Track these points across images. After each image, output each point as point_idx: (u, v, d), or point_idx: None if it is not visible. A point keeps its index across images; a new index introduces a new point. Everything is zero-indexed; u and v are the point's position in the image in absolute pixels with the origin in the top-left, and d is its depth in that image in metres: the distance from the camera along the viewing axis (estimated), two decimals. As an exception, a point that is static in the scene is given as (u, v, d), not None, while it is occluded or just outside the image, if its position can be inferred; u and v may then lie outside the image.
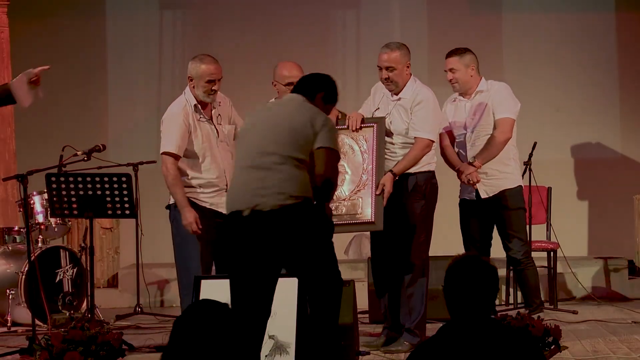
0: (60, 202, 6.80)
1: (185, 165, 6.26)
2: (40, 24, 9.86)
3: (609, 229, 9.55)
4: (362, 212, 6.03)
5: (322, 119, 5.09)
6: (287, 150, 5.01)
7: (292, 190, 4.97)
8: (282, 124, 5.07)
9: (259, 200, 4.97)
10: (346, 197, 5.98)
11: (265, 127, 5.12)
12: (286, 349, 5.65)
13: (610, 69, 9.75)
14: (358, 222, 6.04)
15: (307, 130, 5.02)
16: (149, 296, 8.64)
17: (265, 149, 5.04)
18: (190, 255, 6.21)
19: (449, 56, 6.89)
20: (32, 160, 8.07)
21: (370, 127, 6.17)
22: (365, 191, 6.02)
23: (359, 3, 9.97)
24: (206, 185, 6.25)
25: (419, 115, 6.25)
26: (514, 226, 6.93)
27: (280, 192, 4.96)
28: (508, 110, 6.82)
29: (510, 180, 6.89)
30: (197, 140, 6.24)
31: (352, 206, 6.01)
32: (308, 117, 5.06)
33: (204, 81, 6.22)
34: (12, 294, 7.65)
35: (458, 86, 6.85)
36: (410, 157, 6.19)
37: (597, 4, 9.85)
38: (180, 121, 6.21)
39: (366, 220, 6.03)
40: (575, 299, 8.61)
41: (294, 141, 5.01)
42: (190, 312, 3.45)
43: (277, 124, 5.09)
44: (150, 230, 8.22)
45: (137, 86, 10.00)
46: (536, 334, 5.59)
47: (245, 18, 9.95)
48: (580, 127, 9.61)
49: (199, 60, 6.28)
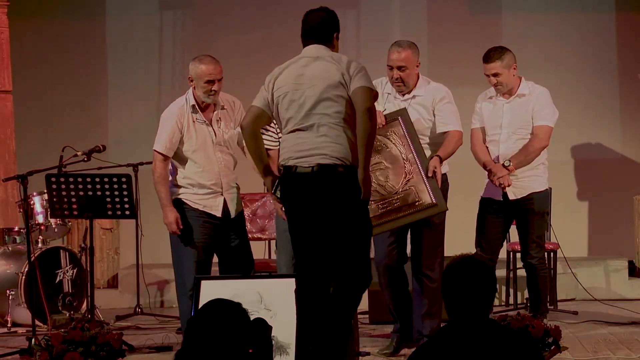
0: (60, 203, 6.80)
1: (178, 164, 6.29)
2: (40, 24, 9.86)
3: (609, 229, 9.55)
4: (420, 199, 5.93)
5: (354, 67, 5.19)
6: (327, 109, 5.15)
7: (330, 152, 5.12)
8: (319, 85, 5.17)
9: (299, 162, 5.16)
10: (397, 190, 5.88)
11: (303, 88, 5.21)
12: (286, 349, 5.65)
13: (610, 69, 9.75)
14: (419, 209, 5.93)
15: (343, 83, 5.14)
16: (149, 297, 8.64)
17: (306, 111, 5.18)
18: (183, 255, 6.22)
19: (490, 61, 6.65)
20: (32, 161, 8.07)
21: (396, 120, 6.06)
22: (416, 179, 5.92)
23: (359, 3, 9.96)
24: (198, 187, 6.24)
25: (446, 110, 6.24)
26: (537, 231, 6.73)
27: (321, 153, 5.13)
28: (548, 118, 6.68)
29: (540, 183, 6.73)
30: (191, 141, 6.24)
31: (408, 196, 5.90)
32: (340, 71, 5.16)
33: (203, 81, 6.22)
34: (12, 295, 7.65)
35: (503, 88, 6.68)
36: (449, 147, 6.14)
37: (597, 4, 9.84)
38: (173, 121, 6.23)
39: (428, 205, 5.93)
40: (575, 300, 8.60)
41: (334, 99, 5.15)
42: (203, 311, 3.45)
43: (314, 84, 5.18)
44: (150, 230, 8.22)
45: (137, 86, 9.99)
46: (536, 334, 5.59)
47: (245, 18, 9.94)
48: (580, 128, 9.60)
49: (199, 60, 6.28)
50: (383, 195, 5.90)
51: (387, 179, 5.92)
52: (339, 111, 5.17)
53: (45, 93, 9.87)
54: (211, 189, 6.25)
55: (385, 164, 5.95)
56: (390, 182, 5.87)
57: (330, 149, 5.15)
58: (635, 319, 7.41)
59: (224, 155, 6.30)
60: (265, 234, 8.09)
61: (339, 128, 5.17)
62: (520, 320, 5.66)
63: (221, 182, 6.26)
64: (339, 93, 5.17)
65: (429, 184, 5.91)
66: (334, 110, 5.17)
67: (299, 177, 5.18)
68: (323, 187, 5.13)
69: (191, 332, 3.42)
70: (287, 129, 5.28)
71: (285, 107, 5.27)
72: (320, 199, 5.15)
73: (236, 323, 3.42)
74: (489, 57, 6.69)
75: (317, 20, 5.36)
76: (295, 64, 5.32)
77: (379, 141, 5.91)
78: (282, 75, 5.31)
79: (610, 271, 8.85)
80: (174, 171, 6.31)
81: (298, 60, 5.32)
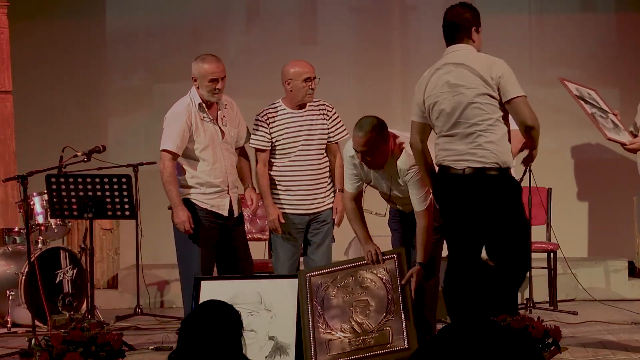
0: (60, 203, 6.80)
1: (186, 164, 6.28)
2: (40, 24, 9.86)
3: (609, 229, 9.54)
4: (392, 342, 5.72)
5: (496, 69, 5.33)
6: (474, 117, 5.30)
7: (483, 156, 5.31)
8: (464, 92, 5.33)
9: (456, 165, 5.36)
10: (373, 329, 5.74)
11: (455, 94, 5.35)
12: (286, 349, 5.66)
13: (610, 69, 9.75)
14: (390, 351, 5.73)
15: (491, 85, 5.30)
16: (148, 297, 8.64)
17: (460, 118, 5.33)
18: (191, 254, 6.24)
19: None
20: (32, 161, 8.07)
21: (392, 259, 5.87)
22: (395, 320, 5.73)
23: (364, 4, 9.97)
24: (206, 186, 6.26)
25: (416, 186, 5.80)
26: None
27: (474, 159, 5.31)
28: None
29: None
30: (200, 139, 6.25)
31: (382, 337, 5.73)
32: (487, 73, 5.31)
33: (207, 80, 6.23)
34: (12, 295, 7.65)
35: None
36: (428, 241, 5.81)
37: (597, 4, 9.85)
38: (182, 120, 6.22)
39: (400, 349, 5.71)
40: (575, 300, 8.60)
41: (484, 102, 5.31)
42: (196, 312, 3.47)
43: (460, 92, 5.34)
44: (150, 231, 8.22)
45: (137, 87, 9.99)
46: (536, 335, 5.58)
47: (245, 18, 9.94)
48: (581, 128, 9.59)
49: (201, 60, 6.30)
50: (358, 333, 5.74)
51: (366, 317, 5.78)
52: (485, 118, 5.31)
53: (45, 93, 9.87)
54: (219, 187, 6.27)
55: (369, 303, 5.80)
56: (368, 321, 5.75)
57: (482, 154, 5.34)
58: (635, 319, 7.41)
59: (229, 154, 6.33)
60: (265, 234, 8.09)
61: (487, 134, 5.30)
62: (520, 321, 5.66)
63: (228, 180, 6.29)
64: (485, 100, 5.30)
65: (406, 326, 5.72)
66: (480, 119, 5.31)
67: (454, 179, 5.38)
68: (479, 191, 5.34)
69: (185, 332, 3.44)
70: (440, 134, 5.46)
71: (435, 116, 5.43)
72: (480, 202, 5.36)
73: (229, 324, 3.44)
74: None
75: (455, 18, 5.48)
76: (440, 70, 5.44)
77: (370, 278, 5.85)
78: (430, 84, 5.44)
79: (610, 271, 8.84)
80: (180, 172, 6.31)
81: (442, 67, 5.44)
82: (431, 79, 5.45)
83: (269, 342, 5.67)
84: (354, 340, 5.69)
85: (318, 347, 5.65)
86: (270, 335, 5.67)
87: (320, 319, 5.72)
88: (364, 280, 5.80)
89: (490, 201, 5.36)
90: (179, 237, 6.29)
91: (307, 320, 5.70)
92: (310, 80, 6.46)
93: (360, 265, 5.87)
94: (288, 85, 6.48)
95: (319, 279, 5.83)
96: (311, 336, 5.67)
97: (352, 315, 5.72)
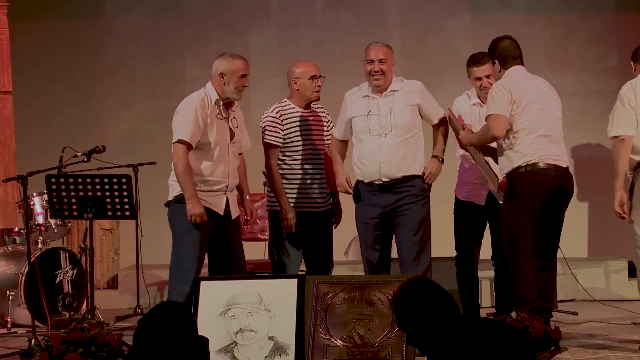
0: (60, 204, 6.80)
1: (192, 158, 6.18)
2: (40, 24, 9.87)
3: (608, 230, 9.53)
4: (391, 358, 5.69)
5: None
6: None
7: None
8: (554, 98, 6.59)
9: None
10: (373, 344, 5.71)
11: (548, 101, 6.49)
12: (286, 349, 5.65)
13: (610, 69, 9.75)
14: None
15: None
16: (148, 297, 8.64)
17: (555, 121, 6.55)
18: (183, 254, 6.19)
19: (482, 63, 6.70)
20: (32, 162, 8.06)
21: (399, 282, 5.92)
22: (396, 339, 5.71)
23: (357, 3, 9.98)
24: (208, 183, 6.21)
25: (429, 99, 6.53)
26: None
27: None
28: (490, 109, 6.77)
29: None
30: (212, 134, 6.17)
31: (381, 351, 5.69)
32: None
33: (237, 76, 6.20)
34: (12, 295, 7.65)
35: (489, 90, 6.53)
36: (444, 140, 6.59)
37: (597, 4, 9.85)
38: (197, 111, 6.12)
39: None
40: (575, 300, 8.60)
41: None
42: (152, 313, 3.50)
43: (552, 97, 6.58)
44: (150, 231, 8.22)
45: (136, 87, 10.00)
46: (536, 335, 5.59)
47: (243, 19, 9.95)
48: (580, 128, 9.60)
49: (230, 56, 6.26)
50: (358, 345, 5.72)
51: (369, 332, 5.79)
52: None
53: (45, 93, 9.88)
54: (219, 187, 6.23)
55: (373, 318, 5.82)
56: (369, 335, 5.76)
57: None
58: (635, 319, 7.40)
59: (234, 156, 6.30)
60: (265, 234, 8.08)
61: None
62: (520, 322, 5.66)
63: (229, 181, 6.26)
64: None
65: (406, 347, 5.68)
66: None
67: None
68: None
69: (138, 334, 3.46)
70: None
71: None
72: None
73: (183, 327, 3.47)
74: (479, 60, 6.74)
75: (512, 48, 6.51)
76: (532, 79, 6.46)
77: (377, 296, 5.85)
78: (530, 88, 6.37)
79: (610, 272, 8.84)
80: None
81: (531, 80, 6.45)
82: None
83: (268, 342, 5.66)
84: (352, 350, 5.69)
85: (316, 350, 5.65)
86: (270, 335, 5.67)
87: (322, 325, 5.72)
88: (371, 296, 5.81)
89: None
90: (177, 234, 6.23)
91: (309, 323, 5.70)
92: (316, 78, 6.52)
93: (370, 282, 5.89)
94: (295, 84, 6.55)
95: (326, 287, 5.83)
96: (311, 339, 5.67)
97: (355, 326, 5.73)
